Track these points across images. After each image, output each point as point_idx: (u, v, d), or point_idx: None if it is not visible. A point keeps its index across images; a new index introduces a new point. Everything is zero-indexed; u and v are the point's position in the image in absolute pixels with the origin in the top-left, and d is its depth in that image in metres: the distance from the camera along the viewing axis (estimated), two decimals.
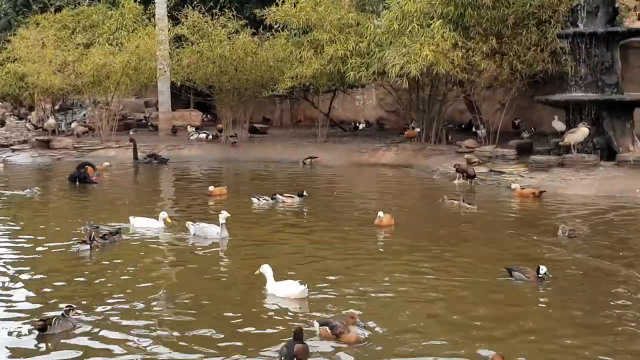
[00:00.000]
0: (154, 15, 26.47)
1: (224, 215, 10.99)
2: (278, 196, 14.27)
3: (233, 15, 23.93)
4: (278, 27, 22.90)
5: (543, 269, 8.68)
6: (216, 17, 23.80)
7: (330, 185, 17.63)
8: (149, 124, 29.11)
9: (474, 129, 22.23)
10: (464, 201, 13.69)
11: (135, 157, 22.29)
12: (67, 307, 7.43)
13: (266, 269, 8.44)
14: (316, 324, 7.06)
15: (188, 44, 24.20)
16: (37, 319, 7.34)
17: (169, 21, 25.90)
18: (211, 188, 15.46)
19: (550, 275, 8.73)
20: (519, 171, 16.47)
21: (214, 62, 23.28)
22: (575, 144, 16.06)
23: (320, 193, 16.00)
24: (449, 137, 21.89)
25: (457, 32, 19.20)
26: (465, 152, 18.91)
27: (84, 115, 30.35)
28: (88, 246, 10.43)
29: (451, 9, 19.17)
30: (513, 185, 15.16)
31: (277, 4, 22.34)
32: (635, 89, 19.52)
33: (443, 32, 18.64)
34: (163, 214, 11.95)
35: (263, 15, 22.66)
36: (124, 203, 15.38)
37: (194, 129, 26.55)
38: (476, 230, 11.97)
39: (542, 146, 18.25)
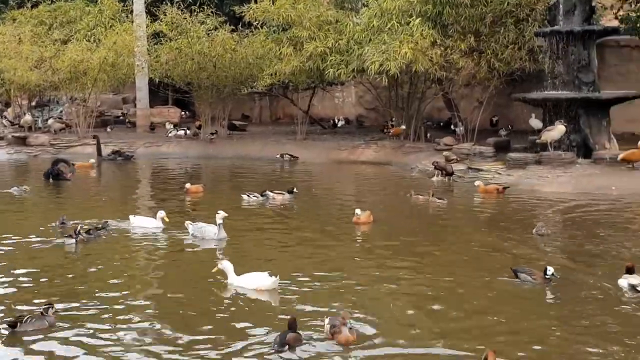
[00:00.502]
0: (131, 11, 26.28)
1: (221, 215, 10.64)
2: (268, 193, 14.28)
3: (212, 11, 23.83)
4: (257, 24, 22.85)
5: (550, 270, 8.46)
6: (195, 13, 23.68)
7: (310, 182, 17.62)
8: (127, 120, 28.90)
9: (452, 127, 22.33)
10: (433, 196, 13.85)
11: (99, 154, 22.18)
12: (46, 304, 7.33)
13: (226, 265, 8.59)
14: (327, 320, 6.96)
15: (166, 41, 24.08)
16: (20, 315, 7.25)
17: (147, 17, 25.71)
18: (188, 185, 15.39)
19: (558, 276, 8.54)
20: (496, 168, 16.54)
21: (192, 59, 23.19)
22: (552, 141, 16.17)
23: (300, 191, 16.03)
24: (428, 135, 21.96)
25: (436, 30, 19.27)
26: (444, 149, 18.99)
27: (61, 111, 30.03)
28: (74, 240, 10.49)
29: (430, 7, 19.24)
30: (476, 182, 15.34)
31: (255, 1, 22.28)
32: (611, 87, 19.69)
33: (422, 30, 18.69)
34: (160, 213, 11.64)
35: (242, 12, 22.60)
36: (101, 200, 15.29)
37: (172, 126, 26.41)
38: (453, 227, 12.04)
39: (519, 144, 18.36)
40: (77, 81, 25.08)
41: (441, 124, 24.91)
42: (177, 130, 25.34)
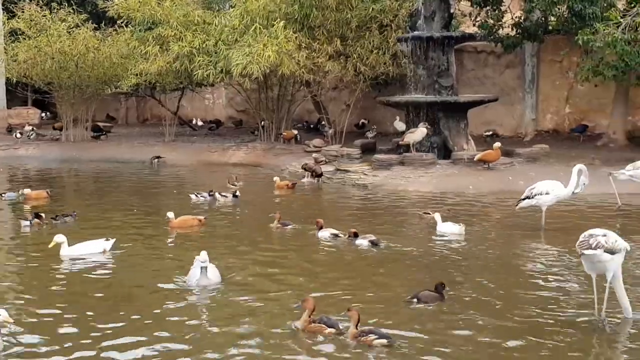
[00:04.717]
0: None
1: (202, 257, 8.26)
2: (216, 194, 14.26)
3: (73, 9, 22.92)
4: (122, 22, 22.21)
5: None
6: (55, 10, 22.70)
7: (177, 184, 17.31)
8: None
9: (321, 129, 22.66)
10: (229, 182, 15.71)
11: None
12: None
13: (61, 238, 9.58)
14: None
15: (25, 39, 22.91)
16: None
17: (3, 14, 24.39)
18: (27, 191, 14.44)
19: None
20: (363, 169, 16.86)
21: (52, 58, 22.22)
22: (414, 143, 16.74)
23: (161, 194, 15.76)
24: (298, 137, 22.16)
25: (303, 32, 19.46)
26: (313, 151, 19.20)
27: None
28: (28, 222, 11.43)
29: (296, 8, 19.36)
30: (275, 178, 16.26)
31: None
32: (469, 91, 20.71)
33: (287, 33, 18.73)
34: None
35: (105, 8, 21.88)
36: None
37: (31, 128, 25.18)
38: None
39: (385, 145, 18.88)
40: None
41: (311, 126, 25.21)
42: (30, 132, 24.22)
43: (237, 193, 14.42)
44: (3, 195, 14.58)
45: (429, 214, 11.86)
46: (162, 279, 8.66)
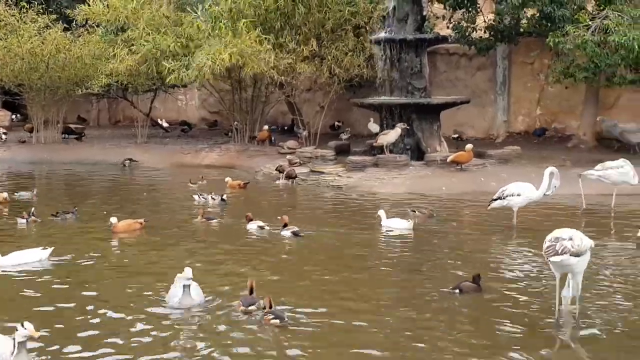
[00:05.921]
0: None
1: (186, 273, 7.66)
2: (208, 196, 14.40)
3: (42, 9, 22.68)
4: (93, 23, 22.05)
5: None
6: (24, 11, 22.44)
7: (148, 186, 17.20)
8: None
9: (295, 130, 22.65)
10: (191, 182, 16.32)
11: None
12: None
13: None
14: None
15: None
16: None
17: None
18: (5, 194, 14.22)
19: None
20: (337, 171, 16.87)
21: (22, 59, 21.94)
22: (387, 144, 16.80)
23: (131, 197, 15.65)
24: (273, 139, 22.12)
25: (287, 31, 19.42)
26: (288, 153, 19.15)
27: None
28: (25, 220, 11.57)
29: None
30: (227, 179, 16.51)
31: (88, 4, 21.47)
32: (441, 92, 20.81)
33: (252, 34, 18.59)
34: None
35: (73, 15, 21.87)
36: None
37: (3, 131, 24.86)
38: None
39: (359, 147, 18.91)
40: None
41: (286, 128, 25.19)
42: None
43: (224, 196, 14.37)
44: (16, 194, 14.63)
45: (422, 211, 12.15)
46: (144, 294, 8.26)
